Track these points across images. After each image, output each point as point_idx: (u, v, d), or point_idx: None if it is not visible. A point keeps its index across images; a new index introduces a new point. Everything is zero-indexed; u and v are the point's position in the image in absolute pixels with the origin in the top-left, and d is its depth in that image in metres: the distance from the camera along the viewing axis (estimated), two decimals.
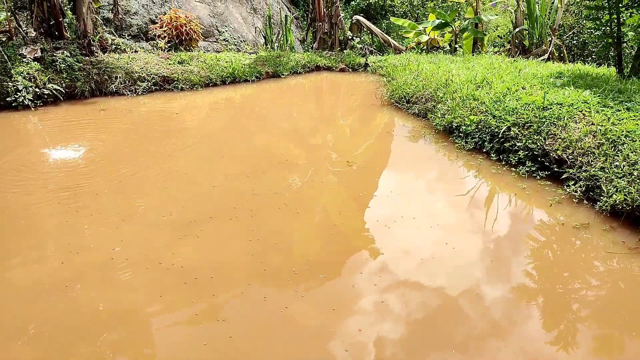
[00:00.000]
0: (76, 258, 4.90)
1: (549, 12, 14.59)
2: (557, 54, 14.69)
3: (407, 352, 3.83)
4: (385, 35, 18.19)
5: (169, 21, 14.41)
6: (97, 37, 12.63)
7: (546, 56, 14.09)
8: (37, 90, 10.32)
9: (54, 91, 10.52)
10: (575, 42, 16.33)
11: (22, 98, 10.02)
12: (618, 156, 6.00)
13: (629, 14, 9.36)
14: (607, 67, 11.57)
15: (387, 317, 4.19)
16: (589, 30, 11.12)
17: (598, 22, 9.75)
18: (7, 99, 9.98)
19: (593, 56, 15.65)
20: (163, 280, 4.58)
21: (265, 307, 4.27)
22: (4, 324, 4.02)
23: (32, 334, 3.92)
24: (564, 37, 16.15)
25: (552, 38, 14.33)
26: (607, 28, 9.52)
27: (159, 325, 4.10)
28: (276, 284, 4.57)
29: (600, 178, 5.94)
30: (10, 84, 10.08)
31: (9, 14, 11.72)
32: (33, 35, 11.79)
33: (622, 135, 6.23)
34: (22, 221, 5.64)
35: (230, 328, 4.01)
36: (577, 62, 13.51)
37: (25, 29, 12.07)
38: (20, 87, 10.08)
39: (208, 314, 4.18)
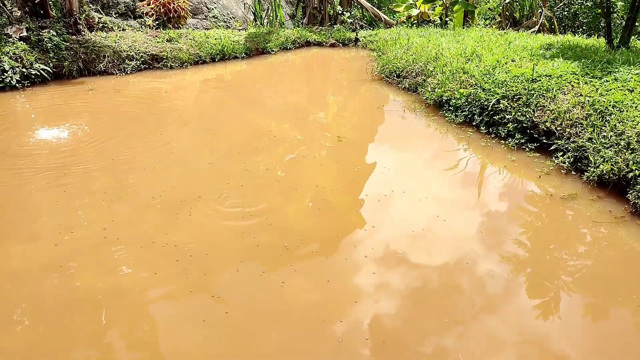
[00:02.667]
0: (69, 238, 4.92)
1: None
2: (547, 26, 14.65)
3: (401, 322, 3.91)
4: (375, 9, 18.04)
5: None
6: (84, 15, 12.44)
7: (537, 28, 14.05)
8: (24, 70, 10.20)
9: (41, 71, 10.40)
10: (566, 13, 16.23)
11: (9, 79, 9.91)
12: (605, 127, 6.05)
13: None
14: (597, 38, 11.56)
15: (381, 289, 4.26)
16: (579, 1, 11.10)
17: None
18: None
19: (584, 27, 15.59)
20: (157, 259, 4.62)
21: (259, 282, 4.33)
22: (1, 304, 4.05)
23: (28, 314, 3.96)
24: (555, 8, 16.04)
25: (542, 9, 14.27)
26: None
27: (155, 302, 4.15)
28: (269, 260, 4.62)
29: (588, 149, 6.00)
30: None
31: None
32: (18, 14, 11.61)
33: (610, 105, 6.27)
34: (13, 202, 5.64)
35: (225, 304, 4.06)
36: (567, 34, 13.48)
37: (9, 8, 11.87)
38: (6, 68, 9.96)
39: (203, 291, 4.23)
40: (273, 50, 14.02)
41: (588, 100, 6.51)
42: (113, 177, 6.26)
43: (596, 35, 12.51)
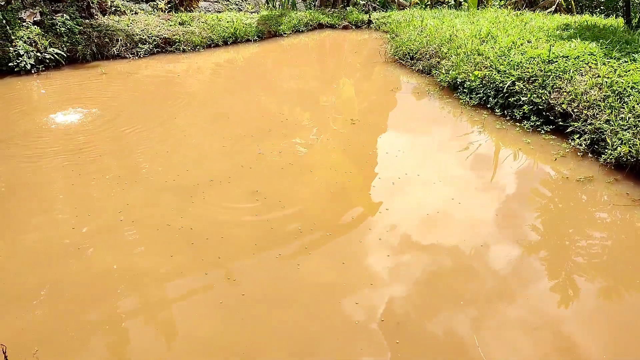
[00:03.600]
0: (85, 221, 4.98)
1: None
2: (565, 6, 14.38)
3: (416, 304, 3.92)
4: None
5: None
6: None
7: (553, 8, 13.80)
8: (38, 54, 10.25)
9: (55, 55, 10.45)
10: None
11: (24, 63, 9.97)
12: (624, 108, 5.96)
13: None
14: (615, 17, 11.33)
15: (396, 271, 4.27)
16: None
17: None
18: (9, 64, 9.93)
19: (602, 7, 15.30)
20: (172, 242, 4.66)
21: (275, 265, 4.35)
22: (19, 286, 4.13)
23: (47, 295, 4.03)
24: None
25: None
26: None
27: (172, 285, 4.19)
28: (284, 242, 4.64)
29: (605, 131, 5.92)
30: (11, 49, 10.01)
31: None
32: None
33: (628, 87, 6.17)
34: (29, 186, 5.71)
35: (242, 287, 4.09)
36: (585, 14, 13.23)
37: None
38: (21, 52, 10.02)
39: (220, 273, 4.26)
40: (285, 33, 13.94)
41: (606, 82, 6.40)
42: (127, 160, 6.30)
43: (614, 15, 12.28)
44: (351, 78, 10.52)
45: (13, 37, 10.15)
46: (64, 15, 11.17)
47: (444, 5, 16.46)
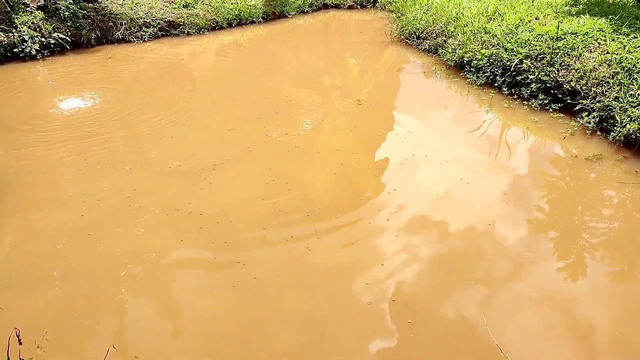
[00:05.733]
0: (94, 206, 5.02)
1: None
2: None
3: (425, 284, 3.94)
4: None
5: None
6: None
7: None
8: (43, 40, 10.23)
9: (60, 40, 10.42)
10: None
11: (29, 48, 9.96)
12: (633, 85, 5.89)
13: None
14: None
15: (405, 251, 4.29)
16: None
17: None
18: (14, 50, 9.92)
19: None
20: (182, 226, 4.69)
21: (285, 247, 4.38)
22: (33, 269, 4.18)
23: (58, 279, 4.08)
24: None
25: None
26: None
27: (184, 269, 4.23)
28: (293, 225, 4.66)
29: (615, 108, 5.86)
30: (16, 34, 10.00)
31: None
32: None
33: (638, 63, 6.09)
34: (38, 171, 5.75)
35: (254, 270, 4.13)
36: None
37: None
38: (26, 38, 10.00)
39: (231, 257, 4.29)
40: (290, 14, 13.82)
41: (615, 58, 6.32)
42: (133, 145, 6.31)
43: None
44: (357, 58, 10.44)
45: (17, 23, 10.13)
46: None
47: None
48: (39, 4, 10.77)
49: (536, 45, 7.29)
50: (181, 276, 4.15)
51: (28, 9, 10.59)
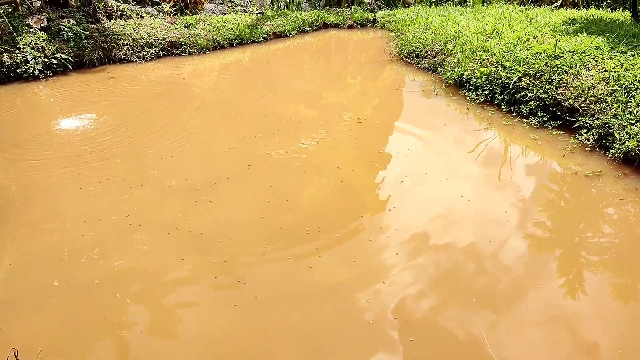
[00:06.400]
0: (94, 225, 5.02)
1: None
2: (570, 0, 14.29)
3: (426, 302, 3.92)
4: None
5: None
6: (102, 3, 12.51)
7: (559, 3, 13.72)
8: (45, 60, 10.33)
9: (62, 61, 10.52)
10: None
11: (32, 69, 10.05)
12: (631, 102, 5.93)
13: None
14: (622, 11, 11.26)
15: (407, 269, 4.28)
16: None
17: None
18: (17, 70, 10.01)
19: (608, 1, 15.19)
20: (182, 245, 4.69)
21: (286, 266, 4.37)
22: (33, 289, 4.18)
23: (58, 298, 4.07)
24: None
25: None
26: None
27: (184, 288, 4.21)
28: (294, 243, 4.65)
29: (613, 125, 5.89)
30: (19, 55, 10.11)
31: None
32: (38, 4, 11.72)
33: (636, 80, 6.14)
34: (38, 190, 5.77)
35: (255, 289, 4.11)
36: (591, 8, 13.15)
37: None
38: (29, 58, 10.10)
39: (232, 276, 4.28)
40: (291, 34, 13.96)
41: (613, 76, 6.37)
42: (134, 164, 6.34)
43: (621, 8, 12.19)
44: (357, 77, 10.52)
45: (21, 44, 10.24)
46: (71, 20, 11.25)
47: (449, 2, 16.42)
48: (42, 25, 10.90)
49: (534, 64, 7.35)
50: (182, 295, 4.14)
51: (31, 30, 10.71)
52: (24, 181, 5.99)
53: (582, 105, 6.43)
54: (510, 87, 7.40)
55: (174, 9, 14.25)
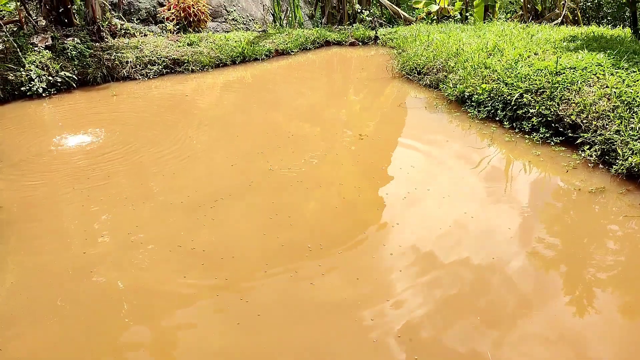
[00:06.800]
0: (96, 243, 5.01)
1: None
2: (571, 17, 14.39)
3: (430, 320, 3.89)
4: (394, 6, 17.94)
5: (176, 3, 14.35)
6: (106, 22, 12.64)
7: (559, 20, 13.81)
8: (50, 78, 10.41)
9: (66, 78, 10.60)
10: (589, 4, 15.96)
11: (36, 87, 10.13)
12: (633, 118, 5.92)
13: None
14: (623, 28, 11.32)
15: (410, 287, 4.24)
16: None
17: None
18: (22, 89, 10.09)
19: (608, 17, 15.30)
20: (184, 262, 4.66)
21: (289, 283, 4.34)
22: (34, 307, 4.15)
23: (60, 316, 4.05)
24: None
25: (565, 1, 14.02)
26: None
27: (187, 306, 4.18)
28: (296, 260, 4.63)
29: (616, 141, 5.88)
30: (23, 73, 10.19)
31: (18, 3, 11.78)
32: (43, 23, 11.84)
33: (638, 97, 6.14)
34: (41, 208, 5.77)
35: (258, 306, 4.07)
36: (591, 25, 13.23)
37: (35, 17, 12.12)
38: (33, 76, 10.19)
39: (235, 293, 4.25)
40: (293, 51, 14.06)
41: (615, 92, 6.38)
42: (136, 181, 6.34)
43: (621, 25, 12.27)
44: (359, 94, 10.56)
45: (25, 62, 10.33)
46: (75, 39, 11.36)
47: (450, 19, 16.55)
48: (47, 43, 11.00)
49: (536, 80, 7.37)
50: (184, 314, 4.10)
51: (36, 48, 10.81)
52: (27, 199, 5.99)
53: (585, 121, 6.43)
54: (512, 103, 7.41)
55: (177, 27, 14.38)
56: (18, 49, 10.46)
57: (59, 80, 10.51)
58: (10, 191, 6.16)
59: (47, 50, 10.85)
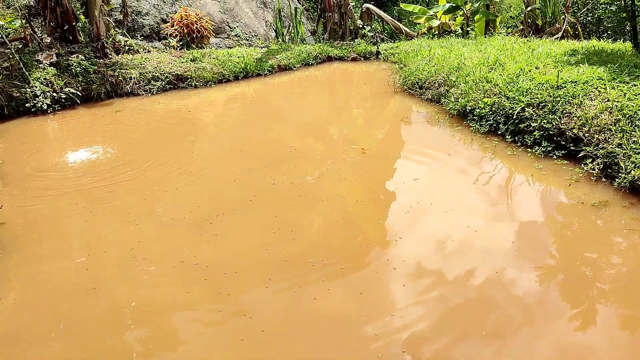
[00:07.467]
0: (99, 258, 5.02)
1: None
2: (571, 32, 14.46)
3: (436, 333, 3.87)
4: (396, 22, 18.08)
5: (179, 20, 14.50)
6: (110, 39, 12.77)
7: (560, 34, 13.88)
8: (54, 94, 10.50)
9: (70, 95, 10.69)
10: (589, 18, 16.04)
11: (41, 103, 10.21)
12: (635, 131, 5.93)
13: None
14: (623, 42, 11.37)
15: (414, 301, 4.23)
16: (603, 6, 10.96)
17: None
18: (26, 105, 10.17)
19: (608, 32, 15.37)
20: (188, 278, 4.66)
21: (292, 298, 4.32)
22: (37, 324, 4.15)
23: (63, 333, 4.04)
24: (578, 14, 15.88)
25: (565, 15, 14.11)
26: (622, 2, 9.36)
27: (190, 321, 4.17)
28: (299, 275, 4.62)
29: (618, 154, 5.88)
30: (28, 89, 10.28)
31: (23, 21, 11.93)
32: (48, 41, 11.97)
33: (639, 110, 6.15)
34: (44, 223, 5.78)
35: (261, 322, 4.06)
36: (592, 39, 13.30)
37: (40, 35, 12.26)
38: (38, 93, 10.27)
39: (239, 309, 4.24)
40: (295, 67, 14.15)
41: (616, 106, 6.40)
42: (139, 196, 6.36)
43: (622, 39, 12.32)
44: (361, 108, 10.61)
45: (30, 79, 10.42)
46: (80, 55, 11.46)
47: (452, 34, 16.65)
48: (51, 60, 11.11)
49: (537, 94, 7.40)
50: (187, 329, 4.09)
51: (41, 65, 10.92)
52: (30, 214, 6.01)
53: (586, 134, 6.44)
54: (514, 117, 7.43)
55: (180, 43, 14.51)
56: (23, 66, 10.56)
57: (63, 96, 10.60)
58: (13, 207, 6.18)
59: (51, 67, 10.96)
